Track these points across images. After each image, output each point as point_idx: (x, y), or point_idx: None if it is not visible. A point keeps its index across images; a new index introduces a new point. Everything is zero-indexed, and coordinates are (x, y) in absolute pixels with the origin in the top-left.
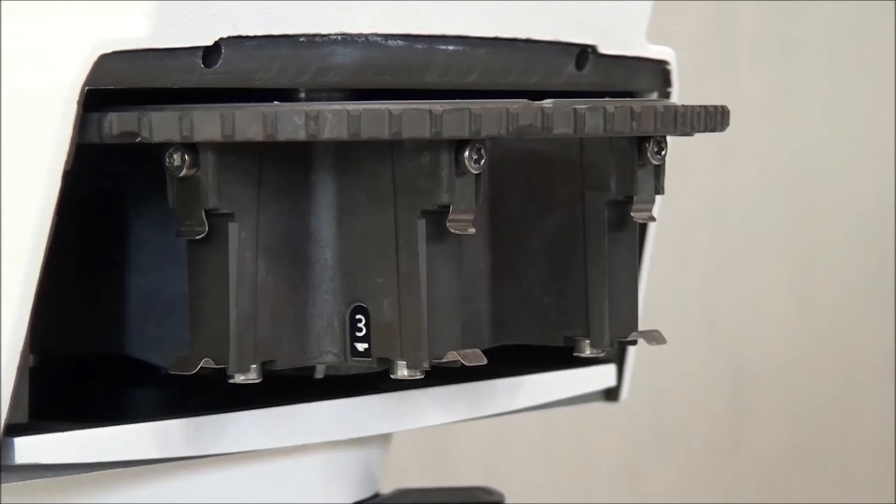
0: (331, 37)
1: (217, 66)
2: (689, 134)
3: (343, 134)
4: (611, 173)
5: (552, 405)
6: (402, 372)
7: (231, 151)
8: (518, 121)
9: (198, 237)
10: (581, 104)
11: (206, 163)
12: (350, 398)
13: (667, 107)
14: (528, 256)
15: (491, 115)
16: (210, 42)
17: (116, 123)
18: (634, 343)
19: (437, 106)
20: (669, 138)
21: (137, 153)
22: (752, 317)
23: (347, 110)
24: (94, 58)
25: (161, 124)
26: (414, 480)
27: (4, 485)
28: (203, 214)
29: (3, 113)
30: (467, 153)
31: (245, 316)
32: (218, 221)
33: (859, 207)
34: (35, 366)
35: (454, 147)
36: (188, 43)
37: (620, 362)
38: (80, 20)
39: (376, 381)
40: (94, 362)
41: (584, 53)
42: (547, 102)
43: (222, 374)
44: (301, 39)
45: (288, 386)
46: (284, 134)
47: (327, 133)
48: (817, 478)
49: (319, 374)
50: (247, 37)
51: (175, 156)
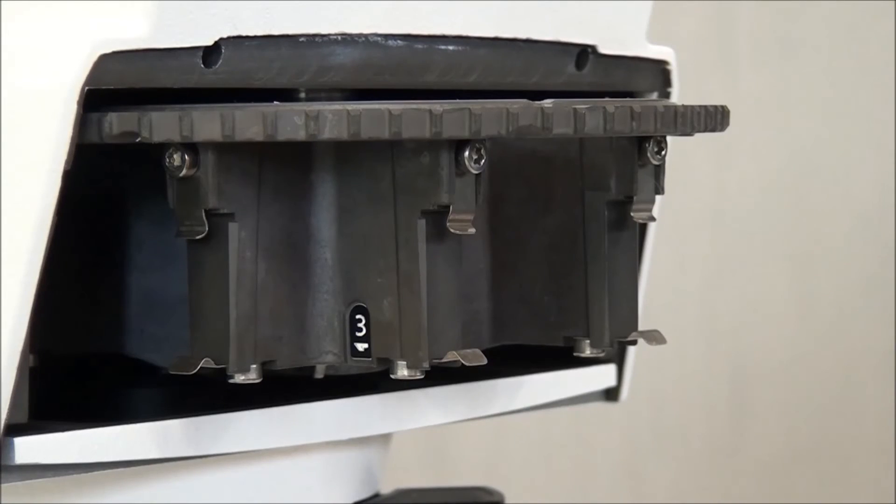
0: (331, 37)
1: (217, 66)
2: (689, 134)
3: (343, 134)
4: (611, 173)
5: (552, 405)
6: (402, 372)
7: (231, 151)
8: (518, 121)
9: (198, 237)
10: (581, 104)
11: (206, 163)
12: (350, 398)
13: (667, 107)
14: (528, 256)
15: (491, 115)
16: (210, 42)
17: (116, 123)
18: (634, 343)
19: (437, 106)
20: (669, 138)
21: (137, 153)
22: (752, 317)
23: (347, 110)
24: (94, 58)
25: (161, 124)
26: (414, 480)
27: (4, 485)
28: (203, 214)
29: (3, 113)
30: (467, 153)
31: (245, 316)
32: (218, 221)
33: (859, 207)
34: (35, 366)
35: (454, 147)
36: (188, 43)
37: (620, 362)
38: (80, 20)
39: (376, 381)
40: (94, 362)
41: (584, 53)
42: (547, 102)
43: (222, 374)
44: (301, 39)
45: (288, 386)
46: (284, 134)
47: (327, 133)
48: (817, 478)
49: (319, 374)
50: (247, 37)
51: (175, 156)
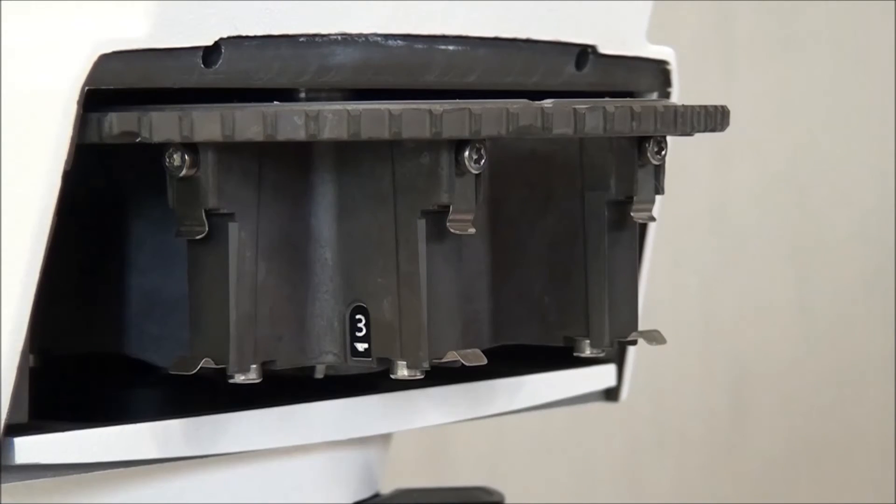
0: (331, 37)
1: (217, 66)
2: (689, 134)
3: (343, 134)
4: (611, 173)
5: (552, 405)
6: (402, 372)
7: (231, 151)
8: (518, 121)
9: (198, 237)
10: (581, 104)
11: (206, 163)
12: (350, 398)
13: (667, 107)
14: (528, 256)
15: (491, 115)
16: (210, 42)
17: (116, 123)
18: (634, 343)
19: (437, 106)
20: (669, 138)
21: (137, 153)
22: (752, 317)
23: (347, 110)
24: (94, 58)
25: (161, 124)
26: (414, 480)
27: (4, 485)
28: (203, 214)
29: (3, 113)
30: (467, 153)
31: (245, 316)
32: (218, 221)
33: (859, 207)
34: (35, 366)
35: (454, 147)
36: (188, 43)
37: (620, 362)
38: (80, 20)
39: (376, 381)
40: (94, 362)
41: (584, 53)
42: (547, 102)
43: (222, 374)
44: (301, 39)
45: (288, 386)
46: (284, 134)
47: (327, 133)
48: (817, 478)
49: (319, 374)
50: (247, 37)
51: (175, 156)
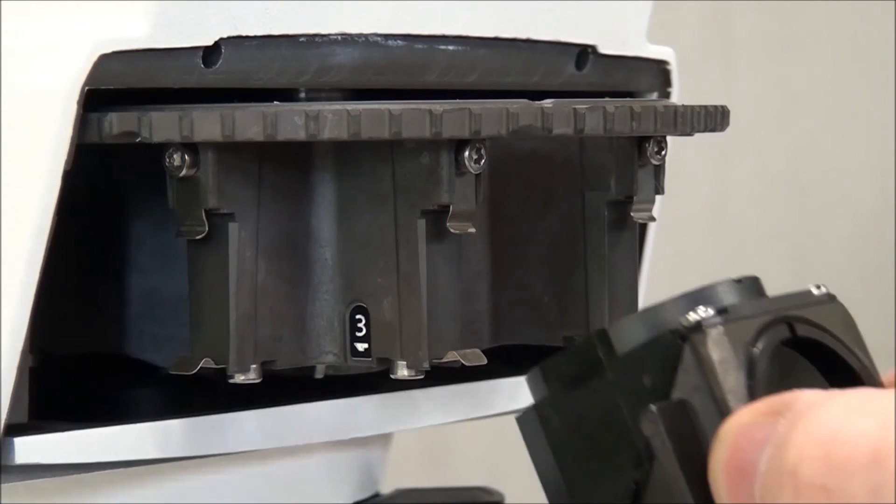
0: (331, 37)
1: (217, 66)
2: (689, 134)
3: (343, 134)
4: (611, 173)
5: None
6: (402, 372)
7: (231, 151)
8: (518, 121)
9: (198, 237)
10: (581, 104)
11: (206, 163)
12: (350, 398)
13: (667, 107)
14: (528, 256)
15: (491, 115)
16: (210, 42)
17: (116, 123)
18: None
19: (437, 106)
20: (669, 138)
21: (137, 153)
22: None
23: (347, 110)
24: (94, 58)
25: (161, 124)
26: (414, 480)
27: (4, 485)
28: (203, 214)
29: (3, 113)
30: (467, 153)
31: (245, 316)
32: (218, 221)
33: (859, 207)
34: (35, 366)
35: (454, 147)
36: (188, 43)
37: None
38: (80, 20)
39: (376, 381)
40: (94, 362)
41: (584, 53)
42: (547, 102)
43: (222, 374)
44: (301, 39)
45: (288, 386)
46: (284, 134)
47: (327, 133)
48: None
49: (319, 374)
50: (247, 37)
51: (175, 156)
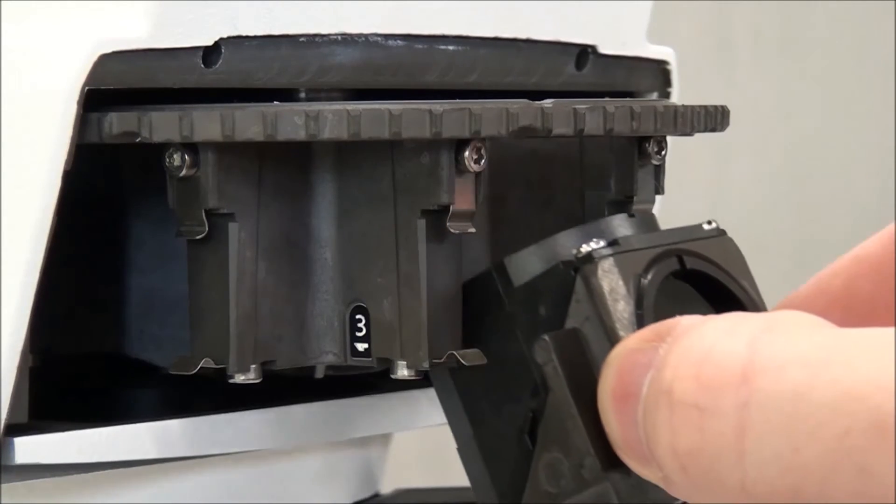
0: (331, 37)
1: (217, 66)
2: (689, 134)
3: (343, 134)
4: (611, 173)
5: None
6: (402, 372)
7: (231, 151)
8: (518, 121)
9: (198, 237)
10: (581, 104)
11: (206, 163)
12: (350, 398)
13: (667, 107)
14: None
15: (491, 115)
16: (210, 42)
17: (116, 123)
18: None
19: (437, 106)
20: (669, 138)
21: (137, 153)
22: None
23: (347, 110)
24: (94, 58)
25: (161, 124)
26: (414, 480)
27: (4, 485)
28: (203, 214)
29: (3, 113)
30: (467, 153)
31: (245, 316)
32: (218, 221)
33: (859, 207)
34: (35, 366)
35: (454, 147)
36: (188, 43)
37: None
38: (80, 20)
39: (376, 381)
40: (94, 362)
41: (584, 53)
42: (547, 102)
43: (222, 374)
44: (301, 39)
45: (288, 386)
46: (284, 134)
47: (327, 133)
48: None
49: (319, 374)
50: (247, 37)
51: (175, 156)
